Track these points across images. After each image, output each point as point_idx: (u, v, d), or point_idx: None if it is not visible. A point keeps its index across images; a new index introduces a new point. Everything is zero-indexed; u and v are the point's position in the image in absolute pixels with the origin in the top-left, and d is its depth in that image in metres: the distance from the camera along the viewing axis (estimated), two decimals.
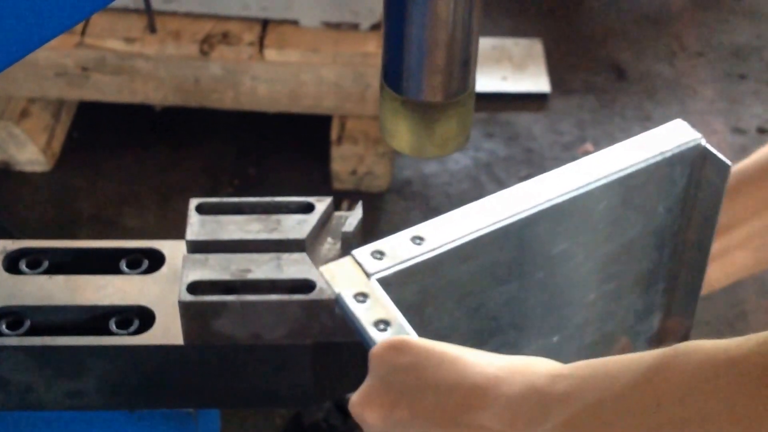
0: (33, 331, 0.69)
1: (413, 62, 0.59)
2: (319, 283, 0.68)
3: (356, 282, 0.61)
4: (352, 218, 0.72)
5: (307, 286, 0.68)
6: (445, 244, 0.63)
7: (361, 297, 0.60)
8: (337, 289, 0.61)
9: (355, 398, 0.58)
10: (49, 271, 0.73)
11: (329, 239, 0.73)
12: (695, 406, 0.47)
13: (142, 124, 1.80)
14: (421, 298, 0.64)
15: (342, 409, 1.35)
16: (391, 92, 0.61)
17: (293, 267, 0.69)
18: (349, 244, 0.71)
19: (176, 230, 0.76)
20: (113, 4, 0.66)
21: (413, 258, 0.62)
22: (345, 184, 1.69)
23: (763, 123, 1.83)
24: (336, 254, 0.72)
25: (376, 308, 0.60)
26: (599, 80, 1.94)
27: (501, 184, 1.73)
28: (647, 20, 2.05)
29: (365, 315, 0.60)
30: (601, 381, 0.50)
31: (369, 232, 1.89)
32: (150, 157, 1.78)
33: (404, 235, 0.64)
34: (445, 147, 0.63)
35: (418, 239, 0.63)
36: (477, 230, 0.63)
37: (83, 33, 1.65)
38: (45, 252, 0.74)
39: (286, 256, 0.70)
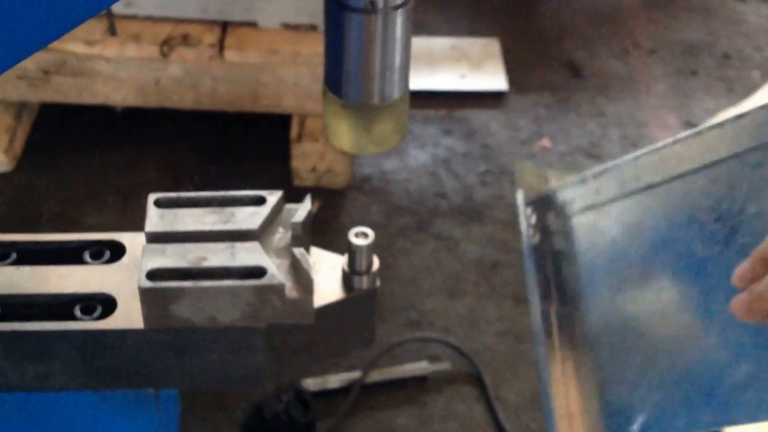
0: (3, 318, 0.77)
1: (351, 70, 0.67)
2: (270, 270, 0.76)
3: None
4: (302, 210, 0.81)
5: (258, 272, 0.76)
6: None
7: None
8: None
9: None
10: (17, 263, 0.80)
11: (280, 229, 0.82)
12: None
13: (104, 125, 1.87)
14: None
15: (302, 401, 1.43)
16: (332, 96, 0.69)
17: (246, 255, 0.78)
18: (298, 233, 0.79)
19: (137, 227, 0.83)
20: None
21: None
22: (305, 182, 1.77)
23: (715, 117, 1.94)
24: (286, 243, 0.80)
25: None
26: (555, 78, 2.04)
27: (459, 180, 1.82)
28: (601, 19, 2.16)
29: None
30: None
31: (330, 227, 1.97)
32: (111, 157, 1.84)
33: None
34: (382, 144, 0.71)
35: None
36: None
37: None
38: (13, 245, 0.81)
39: (239, 245, 0.78)
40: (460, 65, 2.04)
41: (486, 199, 1.80)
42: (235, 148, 1.86)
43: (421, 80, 2.01)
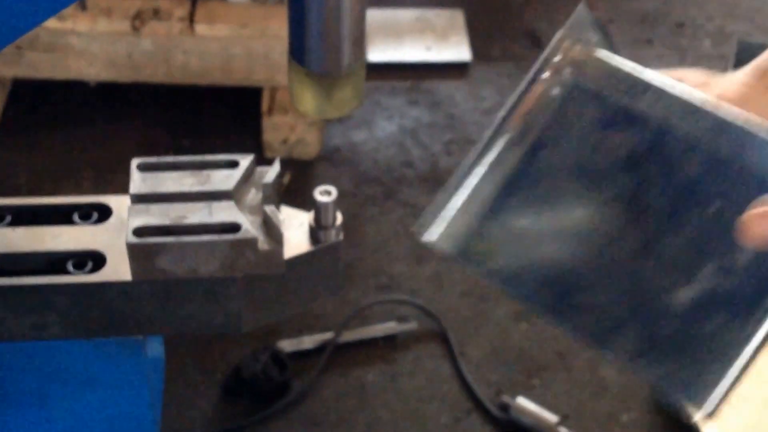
0: (1, 274, 0.86)
1: (313, 41, 0.77)
2: (244, 225, 0.87)
3: None
4: (271, 172, 0.91)
5: (234, 227, 0.87)
6: None
7: None
8: None
9: None
10: (12, 224, 0.89)
11: (252, 189, 0.92)
12: None
13: (77, 101, 1.95)
14: None
15: (278, 361, 1.53)
16: (296, 65, 0.79)
17: (222, 213, 0.88)
18: (269, 193, 0.90)
19: None
20: None
21: None
22: (276, 153, 1.86)
23: None
24: (258, 202, 0.90)
25: None
26: (517, 48, 2.15)
27: (425, 149, 1.93)
28: None
29: None
30: None
31: (301, 196, 2.06)
32: (86, 132, 1.92)
33: None
34: (342, 109, 0.82)
35: None
36: None
37: None
38: (8, 208, 0.91)
39: (215, 204, 0.89)
40: (425, 37, 2.13)
41: (451, 167, 1.90)
42: (207, 122, 1.94)
43: (387, 52, 2.11)
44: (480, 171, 0.76)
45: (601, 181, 0.76)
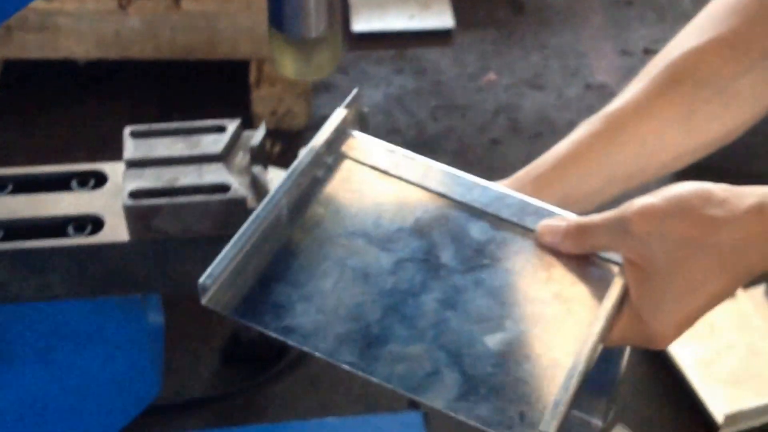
0: (6, 239, 0.92)
1: (289, 9, 0.83)
2: (234, 186, 0.92)
3: None
4: (258, 134, 0.97)
5: (223, 188, 0.92)
6: None
7: None
8: None
9: None
10: (13, 192, 0.95)
11: (240, 152, 0.98)
12: None
13: (68, 80, 2.00)
14: None
15: None
16: (276, 32, 0.85)
17: (212, 174, 0.94)
18: (255, 155, 0.95)
19: None
20: None
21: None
22: (266, 125, 1.91)
23: (648, 44, 2.11)
24: (246, 164, 0.96)
25: None
26: (499, 14, 2.20)
27: (412, 115, 1.98)
28: None
29: None
30: None
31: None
32: (77, 110, 1.98)
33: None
34: (321, 71, 0.87)
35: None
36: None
37: None
38: (9, 177, 0.97)
39: (206, 166, 0.94)
40: (408, 5, 2.18)
41: (437, 132, 1.96)
42: (197, 96, 2.00)
43: (371, 22, 2.16)
44: (255, 237, 0.77)
45: (392, 244, 0.79)
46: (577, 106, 1.97)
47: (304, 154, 0.85)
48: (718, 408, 1.44)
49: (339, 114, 0.89)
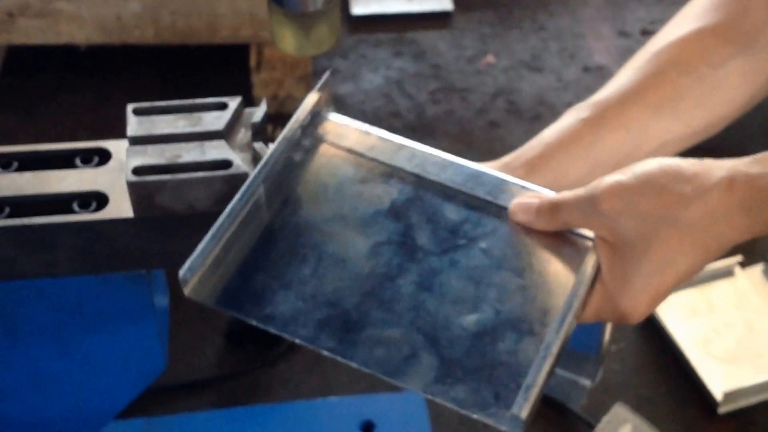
0: (12, 215, 0.93)
1: None
2: (236, 162, 0.94)
3: None
4: (259, 111, 0.98)
5: (225, 164, 0.94)
6: None
7: None
8: None
9: None
10: (19, 169, 0.96)
11: (242, 129, 0.99)
12: None
13: (70, 65, 2.01)
14: None
15: None
16: (275, 7, 0.86)
17: (214, 151, 0.95)
18: (257, 131, 0.97)
19: None
20: None
21: None
22: (267, 109, 1.92)
23: (646, 25, 2.12)
24: (248, 140, 0.97)
25: None
26: None
27: (411, 99, 1.99)
28: None
29: None
30: None
31: None
32: (80, 95, 1.99)
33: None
34: (320, 46, 0.89)
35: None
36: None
37: None
38: (14, 155, 0.98)
39: (207, 143, 0.95)
40: None
41: (437, 115, 1.97)
42: (198, 81, 2.01)
43: (370, 6, 2.16)
44: (233, 227, 0.79)
45: (367, 227, 0.81)
46: (576, 88, 1.98)
47: (278, 140, 0.86)
48: (717, 386, 1.45)
49: (311, 98, 0.91)
